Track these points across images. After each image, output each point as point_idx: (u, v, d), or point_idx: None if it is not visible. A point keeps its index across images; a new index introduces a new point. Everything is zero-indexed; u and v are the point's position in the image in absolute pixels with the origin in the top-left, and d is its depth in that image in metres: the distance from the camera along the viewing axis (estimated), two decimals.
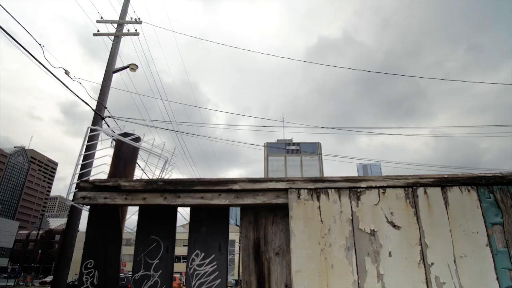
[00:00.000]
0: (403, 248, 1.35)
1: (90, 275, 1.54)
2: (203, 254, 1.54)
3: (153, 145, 1.96)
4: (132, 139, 1.81)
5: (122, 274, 21.86)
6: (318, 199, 1.46)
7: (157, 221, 1.60)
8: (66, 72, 11.39)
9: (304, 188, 1.48)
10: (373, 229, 1.39)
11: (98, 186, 1.55)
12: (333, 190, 1.47)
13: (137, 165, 2.04)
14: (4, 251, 73.18)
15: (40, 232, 61.85)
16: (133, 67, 15.73)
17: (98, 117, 13.35)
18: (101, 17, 15.94)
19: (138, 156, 1.94)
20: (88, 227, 1.61)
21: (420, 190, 1.43)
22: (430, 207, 1.40)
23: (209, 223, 1.59)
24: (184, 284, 1.77)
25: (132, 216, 1.97)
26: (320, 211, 1.44)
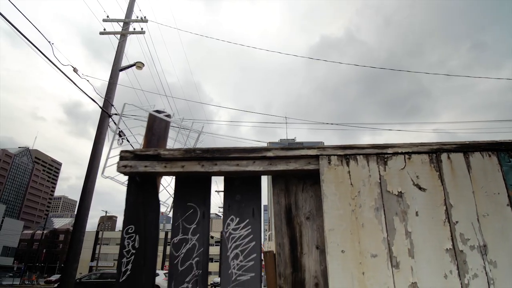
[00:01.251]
0: (428, 208, 1.44)
1: (132, 239, 1.64)
2: (237, 219, 1.63)
3: (182, 122, 2.06)
4: (160, 120, 1.91)
5: None
6: (348, 165, 1.56)
7: (193, 189, 1.70)
8: (75, 70, 11.53)
9: (334, 155, 1.57)
10: (400, 191, 1.49)
11: (138, 155, 1.65)
12: (361, 156, 1.56)
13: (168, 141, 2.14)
14: (9, 250, 73.64)
15: (45, 231, 62.11)
16: (139, 65, 15.86)
17: (105, 114, 13.49)
18: (107, 16, 16.06)
19: (169, 133, 2.04)
20: (128, 195, 1.71)
21: (444, 156, 1.52)
22: (453, 171, 1.49)
23: (242, 190, 1.68)
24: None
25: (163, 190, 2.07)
26: (349, 175, 1.53)
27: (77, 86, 10.98)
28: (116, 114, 14.37)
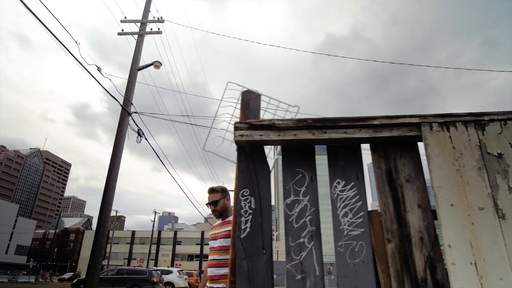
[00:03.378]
0: None
1: (247, 201, 1.82)
2: (343, 182, 1.81)
3: (270, 101, 2.24)
4: (257, 95, 2.09)
5: (145, 268, 22.33)
6: (448, 130, 1.72)
7: (300, 156, 1.88)
8: (99, 69, 11.83)
9: (435, 122, 1.74)
10: (500, 153, 1.65)
11: (254, 125, 1.83)
12: (460, 123, 1.73)
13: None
14: (23, 249, 74.72)
15: (55, 231, 63.04)
16: (157, 64, 16.14)
17: (125, 112, 13.75)
18: (125, 17, 16.34)
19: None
20: (239, 163, 1.89)
21: None
22: None
23: (345, 157, 1.86)
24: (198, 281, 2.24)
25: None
26: (451, 139, 1.70)
27: (101, 85, 11.25)
28: (135, 112, 14.62)
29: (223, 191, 2.78)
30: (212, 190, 2.74)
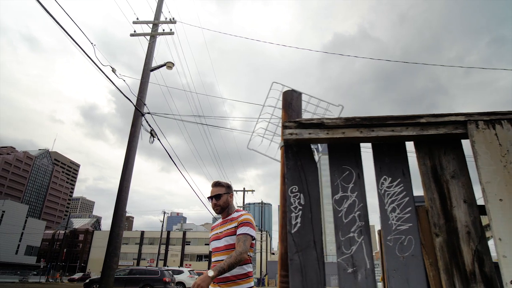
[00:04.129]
0: None
1: (297, 197, 1.89)
2: (390, 178, 1.87)
3: (310, 100, 2.30)
4: (298, 94, 2.16)
5: (157, 268, 22.51)
6: (494, 128, 1.78)
7: (346, 154, 1.95)
8: (113, 70, 11.96)
9: (480, 120, 1.80)
10: None
11: (303, 124, 1.90)
12: (505, 120, 1.78)
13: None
14: (33, 249, 75.48)
15: (64, 231, 63.65)
16: (169, 65, 16.27)
17: (139, 113, 13.88)
18: (137, 18, 16.49)
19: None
20: (287, 160, 1.97)
21: None
22: None
23: (390, 154, 1.92)
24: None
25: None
26: (497, 137, 1.76)
27: (115, 86, 11.39)
28: (148, 113, 14.77)
29: (228, 187, 2.64)
30: (216, 184, 2.61)
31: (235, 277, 2.32)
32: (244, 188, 36.42)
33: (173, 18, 15.76)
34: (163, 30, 15.35)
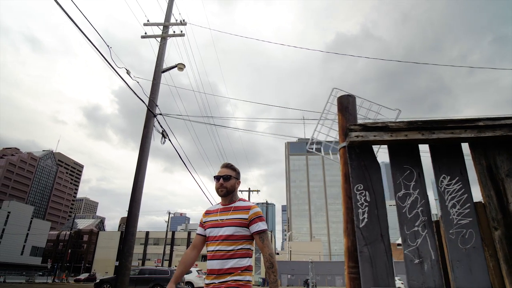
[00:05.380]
0: None
1: (362, 194, 2.06)
2: (448, 177, 2.03)
3: (362, 104, 2.47)
4: (353, 99, 2.32)
5: (167, 268, 22.69)
6: None
7: (405, 154, 2.11)
8: (128, 72, 12.16)
9: None
10: None
11: (368, 127, 2.07)
12: None
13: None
14: (38, 250, 75.80)
15: (69, 232, 63.92)
16: (180, 66, 16.45)
17: (151, 114, 14.07)
18: (148, 20, 16.70)
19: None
20: (350, 161, 2.13)
21: None
22: None
23: (447, 155, 2.08)
24: None
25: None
26: None
27: (130, 88, 11.57)
28: (160, 114, 14.96)
29: (238, 173, 2.47)
30: (227, 165, 2.45)
31: (236, 269, 2.17)
32: (249, 188, 36.54)
33: (183, 20, 15.92)
34: (174, 32, 15.53)
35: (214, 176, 2.40)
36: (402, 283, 31.15)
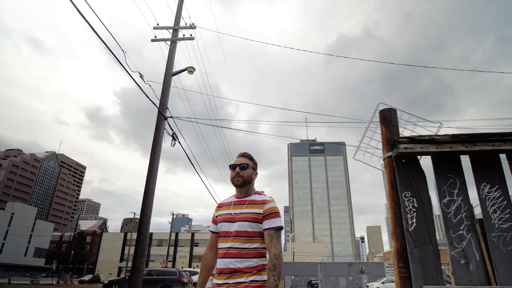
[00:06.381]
0: None
1: (410, 201, 2.27)
2: (488, 185, 2.24)
3: (402, 116, 2.67)
4: (395, 112, 2.52)
5: (175, 269, 22.91)
6: None
7: (448, 164, 2.32)
8: (141, 76, 12.39)
9: None
10: None
11: (416, 139, 2.28)
12: None
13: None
14: (41, 251, 76.01)
15: (73, 233, 64.21)
16: (190, 69, 16.70)
17: (162, 117, 14.33)
18: (157, 24, 16.95)
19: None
20: (397, 170, 2.34)
21: None
22: None
23: (487, 165, 2.29)
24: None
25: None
26: None
27: (142, 91, 11.80)
28: (171, 117, 15.22)
29: (255, 164, 2.30)
30: (245, 154, 2.27)
31: (252, 268, 1.97)
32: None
33: (193, 24, 16.16)
34: (183, 35, 15.75)
35: (230, 165, 2.23)
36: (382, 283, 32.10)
